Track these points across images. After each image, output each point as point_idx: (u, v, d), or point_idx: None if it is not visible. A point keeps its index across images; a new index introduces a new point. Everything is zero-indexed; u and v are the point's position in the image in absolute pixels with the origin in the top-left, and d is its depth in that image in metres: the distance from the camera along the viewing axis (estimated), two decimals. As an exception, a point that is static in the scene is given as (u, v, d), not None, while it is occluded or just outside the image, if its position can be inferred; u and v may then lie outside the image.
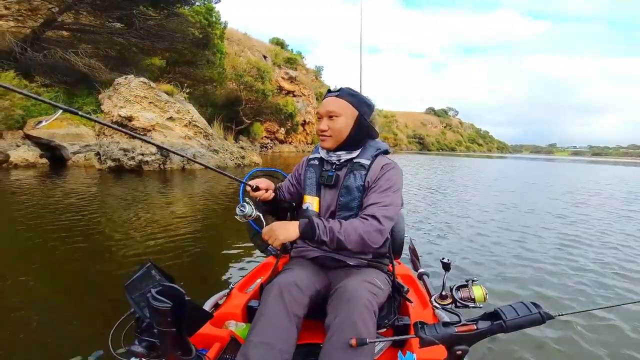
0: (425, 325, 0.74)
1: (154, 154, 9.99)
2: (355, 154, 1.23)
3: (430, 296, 1.23)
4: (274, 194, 1.29)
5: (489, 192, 9.13)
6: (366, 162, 1.20)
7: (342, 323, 0.91)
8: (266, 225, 1.14)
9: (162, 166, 10.40)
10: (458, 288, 0.90)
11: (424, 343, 0.72)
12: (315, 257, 1.23)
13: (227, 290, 1.45)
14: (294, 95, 34.08)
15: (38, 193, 5.94)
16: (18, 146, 9.48)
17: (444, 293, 0.93)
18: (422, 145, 68.67)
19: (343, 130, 1.19)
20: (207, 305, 1.35)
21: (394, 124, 60.44)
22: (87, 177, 8.29)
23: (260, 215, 1.25)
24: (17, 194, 5.86)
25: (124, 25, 14.05)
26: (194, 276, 2.65)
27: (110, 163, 9.25)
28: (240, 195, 1.38)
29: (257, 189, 1.24)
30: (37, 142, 9.93)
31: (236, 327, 1.22)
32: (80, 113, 0.87)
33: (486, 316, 0.75)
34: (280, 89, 32.25)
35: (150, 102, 10.17)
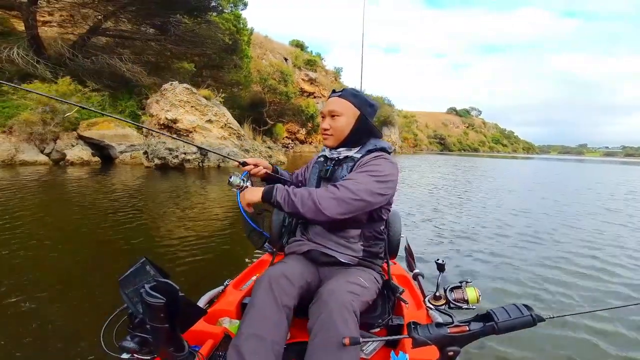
0: (418, 326, 0.75)
1: (195, 153, 10.77)
2: (354, 151, 1.27)
3: (425, 297, 1.27)
4: (265, 170, 1.37)
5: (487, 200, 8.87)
6: (358, 155, 1.24)
7: (322, 324, 0.92)
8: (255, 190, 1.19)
9: (200, 164, 11.17)
10: (452, 289, 0.91)
11: (417, 343, 0.73)
12: (307, 252, 1.25)
13: (221, 287, 1.46)
14: (314, 97, 34.71)
15: (99, 186, 6.78)
16: (73, 146, 10.51)
17: (437, 294, 0.93)
18: (443, 145, 67.69)
19: (344, 129, 1.24)
20: (202, 302, 1.36)
21: (414, 124, 59.95)
22: (136, 174, 9.16)
23: (248, 185, 1.27)
24: (84, 186, 6.66)
25: (158, 32, 15.03)
26: (188, 272, 2.68)
27: (157, 161, 10.09)
28: (244, 173, 1.44)
29: (244, 164, 1.33)
30: (89, 142, 10.93)
31: (230, 324, 1.23)
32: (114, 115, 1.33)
33: (479, 318, 0.76)
34: (302, 91, 32.92)
35: (192, 106, 11.01)
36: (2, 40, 11.24)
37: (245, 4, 19.25)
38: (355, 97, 1.24)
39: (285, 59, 33.70)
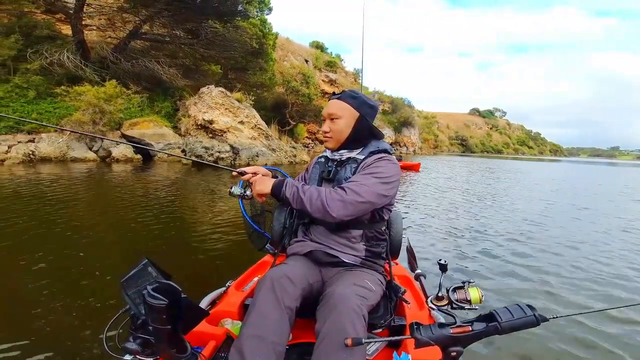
0: (421, 326, 0.76)
1: (228, 152, 11.52)
2: (356, 152, 1.30)
3: (427, 297, 1.26)
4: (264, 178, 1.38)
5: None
6: (361, 157, 1.27)
7: (331, 328, 0.93)
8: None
9: (232, 162, 11.89)
10: (454, 289, 0.91)
11: (420, 344, 0.74)
12: (309, 252, 1.27)
13: (223, 289, 1.48)
14: (334, 98, 35.19)
15: (143, 181, 7.47)
16: (118, 144, 11.41)
17: (440, 294, 0.94)
18: (464, 147, 66.75)
19: (343, 131, 1.26)
20: (204, 303, 1.37)
21: (434, 125, 59.50)
22: (172, 171, 9.93)
23: (247, 193, 1.32)
24: (138, 180, 7.39)
25: (190, 36, 15.97)
26: (190, 273, 2.71)
27: (193, 158, 10.87)
28: (240, 183, 1.45)
29: (243, 173, 1.32)
30: (131, 141, 11.81)
31: (232, 326, 1.24)
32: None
33: (481, 318, 0.76)
34: (323, 92, 33.61)
35: (226, 109, 11.84)
36: (51, 44, 12.29)
37: (270, 9, 20.07)
38: (354, 99, 1.27)
39: (306, 61, 34.50)
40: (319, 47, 40.18)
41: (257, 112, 19.41)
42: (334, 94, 1.32)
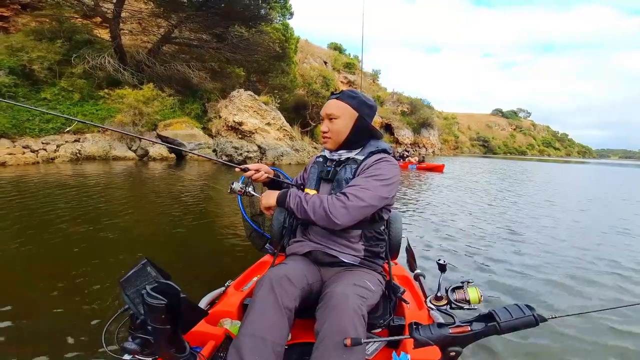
0: (420, 326, 0.77)
1: (255, 151, 12.22)
2: (354, 152, 1.31)
3: (426, 297, 1.26)
4: (266, 175, 1.40)
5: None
6: (360, 157, 1.27)
7: (330, 328, 0.94)
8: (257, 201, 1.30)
9: (259, 161, 12.58)
10: (453, 289, 0.92)
11: (419, 344, 0.76)
12: (309, 253, 1.29)
13: (223, 288, 1.49)
14: (352, 99, 35.72)
15: (183, 177, 8.00)
16: (153, 144, 12.29)
17: (439, 294, 0.95)
18: (486, 148, 65.66)
19: (342, 131, 1.27)
20: (203, 303, 1.39)
21: (454, 126, 58.89)
22: (204, 169, 10.70)
23: (251, 190, 1.36)
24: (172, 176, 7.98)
25: (216, 40, 16.84)
26: (189, 273, 2.72)
27: (224, 157, 11.62)
28: (242, 179, 1.49)
29: (246, 169, 1.36)
30: (165, 141, 12.68)
31: (231, 325, 1.25)
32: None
33: (480, 318, 0.78)
34: (342, 93, 34.19)
35: (254, 111, 12.60)
36: (90, 48, 13.22)
37: (292, 13, 20.82)
38: (352, 98, 1.27)
39: (325, 62, 35.17)
40: (337, 48, 40.83)
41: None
42: (332, 93, 1.32)
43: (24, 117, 10.86)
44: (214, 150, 12.10)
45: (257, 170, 1.37)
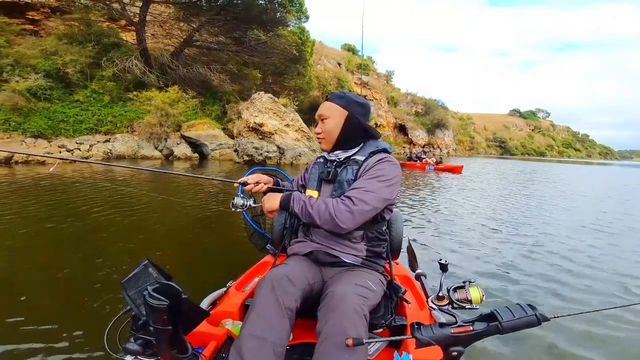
0: (421, 326, 0.79)
1: (275, 152, 12.75)
2: (352, 152, 1.32)
3: (428, 297, 1.28)
4: (266, 185, 1.42)
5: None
6: (361, 157, 1.29)
7: (332, 329, 0.95)
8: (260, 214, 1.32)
9: (278, 161, 13.10)
10: (455, 289, 0.93)
11: (420, 344, 0.76)
12: (310, 253, 1.30)
13: (224, 289, 1.50)
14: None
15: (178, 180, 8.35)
16: (178, 144, 13.02)
17: (441, 294, 0.96)
18: (503, 149, 64.82)
19: (333, 130, 1.29)
20: (204, 304, 1.40)
21: (470, 127, 58.42)
22: (225, 167, 11.30)
23: (251, 204, 1.38)
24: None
25: (234, 43, 17.48)
26: (190, 274, 2.73)
27: (245, 157, 12.19)
28: (239, 192, 1.48)
29: (245, 184, 1.37)
30: (189, 141, 13.36)
31: (233, 326, 1.27)
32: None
33: (482, 317, 0.79)
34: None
35: (274, 113, 13.19)
36: (117, 51, 13.99)
37: (307, 17, 21.35)
38: (341, 98, 1.30)
39: (339, 64, 35.62)
40: (350, 49, 41.21)
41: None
42: (327, 97, 1.35)
43: (59, 117, 11.66)
44: (235, 150, 12.69)
45: (257, 183, 1.39)
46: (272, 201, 1.24)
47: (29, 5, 14.59)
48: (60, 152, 10.65)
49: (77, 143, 11.39)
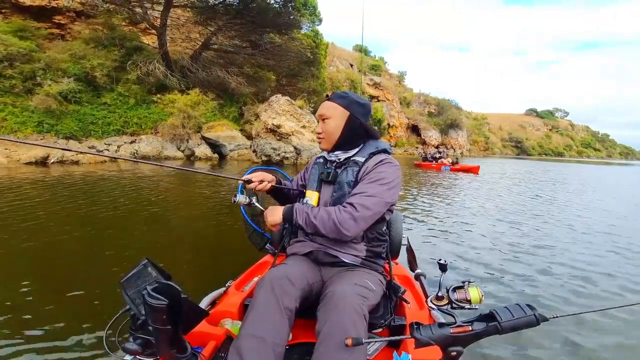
0: (421, 326, 0.79)
1: (292, 152, 13.27)
2: (352, 152, 1.34)
3: (427, 297, 1.28)
4: (270, 184, 1.43)
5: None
6: (361, 159, 1.30)
7: (331, 328, 0.96)
8: (262, 209, 1.34)
9: (295, 161, 13.60)
10: (454, 289, 0.93)
11: (420, 344, 0.77)
12: (309, 253, 1.31)
13: (223, 289, 1.52)
14: (378, 100, 36.37)
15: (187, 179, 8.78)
16: (199, 145, 13.66)
17: (440, 294, 0.96)
18: (519, 149, 63.95)
19: (334, 131, 1.30)
20: (204, 303, 1.41)
21: (484, 127, 57.92)
22: (243, 167, 11.72)
23: (253, 201, 1.41)
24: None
25: (250, 47, 18.07)
26: (190, 273, 2.74)
27: (263, 157, 12.74)
28: (239, 188, 1.50)
29: (249, 181, 1.39)
30: (208, 142, 13.98)
31: (232, 326, 1.28)
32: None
33: (481, 317, 0.79)
34: (370, 97, 34.96)
35: (291, 115, 13.78)
36: (140, 55, 14.57)
37: (321, 20, 21.85)
38: (342, 98, 1.31)
39: (351, 65, 36.01)
40: (362, 50, 41.48)
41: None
42: (326, 96, 1.36)
43: (89, 119, 12.42)
44: (254, 151, 13.27)
45: (261, 181, 1.41)
46: (275, 215, 1.25)
47: (55, 9, 15.45)
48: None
49: (105, 144, 12.12)
